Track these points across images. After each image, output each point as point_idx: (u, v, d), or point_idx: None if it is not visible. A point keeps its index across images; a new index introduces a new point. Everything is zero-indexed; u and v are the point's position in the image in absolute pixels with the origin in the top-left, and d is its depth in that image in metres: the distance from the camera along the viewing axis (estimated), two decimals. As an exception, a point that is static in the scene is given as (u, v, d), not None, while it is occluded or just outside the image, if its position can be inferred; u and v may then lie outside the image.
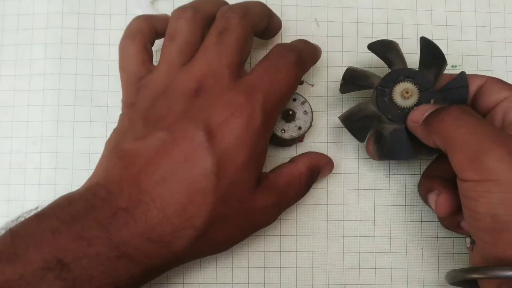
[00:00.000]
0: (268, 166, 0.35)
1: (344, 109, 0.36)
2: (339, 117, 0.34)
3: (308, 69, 0.32)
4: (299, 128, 0.32)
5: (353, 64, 0.37)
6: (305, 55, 0.30)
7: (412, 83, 0.32)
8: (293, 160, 0.31)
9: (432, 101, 0.31)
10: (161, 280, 0.34)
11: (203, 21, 0.29)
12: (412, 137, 0.31)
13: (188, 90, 0.27)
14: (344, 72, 0.33)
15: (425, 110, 0.29)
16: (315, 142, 0.36)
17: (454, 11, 0.38)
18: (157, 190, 0.25)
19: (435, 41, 0.37)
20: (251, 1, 0.31)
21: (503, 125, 0.29)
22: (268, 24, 0.32)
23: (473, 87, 0.31)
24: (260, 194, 0.28)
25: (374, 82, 0.33)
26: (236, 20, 0.28)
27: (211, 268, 0.34)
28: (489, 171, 0.25)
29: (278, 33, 0.37)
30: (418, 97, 0.31)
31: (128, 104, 0.29)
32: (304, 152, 0.33)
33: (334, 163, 0.35)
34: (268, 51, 0.30)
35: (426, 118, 0.29)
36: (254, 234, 0.34)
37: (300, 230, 0.35)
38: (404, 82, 0.32)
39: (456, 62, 0.37)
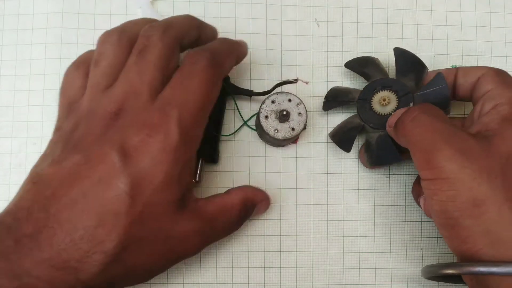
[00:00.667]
0: (268, 166, 0.35)
1: (344, 109, 0.36)
2: (328, 134, 0.36)
3: (229, 67, 0.31)
4: (293, 129, 0.33)
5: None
6: (221, 54, 0.29)
7: (389, 91, 0.33)
8: (228, 192, 0.31)
9: (411, 104, 0.33)
10: (161, 280, 0.34)
11: (129, 42, 0.28)
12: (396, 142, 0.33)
13: (108, 113, 0.26)
14: (327, 92, 0.35)
15: (399, 114, 0.30)
16: (315, 142, 0.36)
17: (454, 11, 0.38)
18: (66, 213, 0.24)
19: (435, 41, 0.37)
20: (177, 16, 0.30)
21: (479, 116, 0.29)
22: (199, 35, 0.31)
23: (473, 78, 0.31)
24: (183, 217, 0.27)
25: (355, 96, 0.35)
26: (156, 37, 0.28)
27: (211, 268, 0.34)
28: (440, 169, 0.26)
29: (278, 34, 0.37)
30: (397, 102, 0.33)
31: (56, 129, 0.28)
32: (243, 185, 0.33)
33: (334, 163, 0.36)
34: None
35: (395, 122, 0.30)
36: (254, 234, 0.34)
37: (300, 230, 0.35)
38: (382, 91, 0.34)
39: (456, 62, 0.37)
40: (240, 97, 0.36)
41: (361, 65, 0.35)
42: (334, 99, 0.35)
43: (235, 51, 0.31)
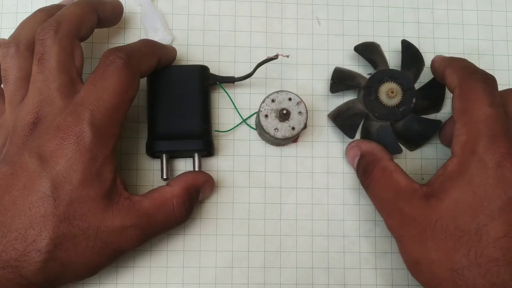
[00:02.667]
0: (268, 166, 0.35)
1: (344, 94, 0.36)
2: (328, 115, 0.36)
3: (148, 68, 0.31)
4: (293, 128, 0.32)
5: (354, 63, 0.37)
6: (138, 55, 0.30)
7: (396, 83, 0.34)
8: (169, 183, 0.31)
9: (414, 99, 0.34)
10: (160, 280, 0.33)
11: (28, 50, 0.29)
12: (396, 134, 0.34)
13: (27, 124, 0.28)
14: (332, 72, 0.35)
15: (353, 156, 0.34)
16: (315, 142, 0.36)
17: (455, 9, 0.38)
18: (0, 219, 0.26)
19: (437, 40, 0.37)
20: (65, 8, 0.30)
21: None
22: (97, 17, 0.31)
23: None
24: (113, 213, 0.28)
25: (361, 82, 0.35)
26: (50, 40, 0.28)
27: (211, 268, 0.34)
28: (390, 228, 0.31)
29: (278, 32, 0.37)
30: (402, 96, 0.34)
31: None
32: (184, 172, 0.32)
33: (335, 162, 0.35)
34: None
35: (360, 176, 0.33)
36: (254, 234, 0.34)
37: (300, 230, 0.35)
38: (389, 82, 0.34)
39: (458, 61, 0.37)
40: (230, 87, 0.35)
41: (370, 51, 0.35)
42: (341, 81, 0.35)
43: (157, 53, 0.32)
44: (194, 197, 0.31)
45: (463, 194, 0.27)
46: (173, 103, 0.33)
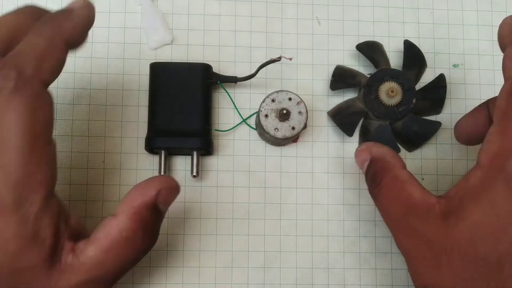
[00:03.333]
0: (268, 166, 0.35)
1: (344, 92, 0.36)
2: (327, 113, 0.36)
3: (54, 66, 0.23)
4: (293, 128, 0.32)
5: (355, 63, 0.37)
6: (33, 57, 0.22)
7: (396, 83, 0.34)
8: (114, 213, 0.25)
9: (414, 100, 0.33)
10: (160, 280, 0.33)
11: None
12: (395, 133, 0.34)
13: None
14: (333, 70, 0.35)
15: (362, 160, 0.29)
16: (315, 142, 0.36)
17: (455, 9, 0.38)
18: None
19: (437, 40, 0.37)
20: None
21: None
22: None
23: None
24: (59, 274, 0.23)
25: (362, 81, 0.35)
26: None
27: (211, 268, 0.34)
28: (399, 245, 0.27)
29: (278, 32, 0.37)
30: (402, 96, 0.34)
31: None
32: (131, 189, 0.26)
33: (335, 162, 0.35)
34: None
35: (368, 183, 0.29)
36: (254, 234, 0.34)
37: (300, 230, 0.35)
38: (389, 81, 0.34)
39: (458, 61, 0.37)
40: (230, 87, 0.35)
41: (371, 50, 0.35)
42: (342, 79, 0.35)
43: (62, 35, 0.23)
44: (150, 218, 0.25)
45: (485, 216, 0.23)
46: (174, 100, 0.33)
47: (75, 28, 0.24)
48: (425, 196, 0.25)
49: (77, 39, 0.24)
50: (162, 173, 0.33)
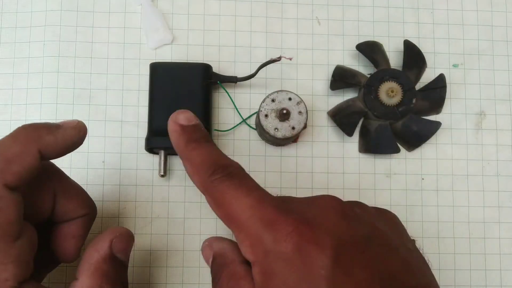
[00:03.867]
0: (268, 166, 0.35)
1: (344, 92, 0.36)
2: (327, 112, 0.36)
3: (21, 171, 0.23)
4: (293, 128, 0.32)
5: (355, 63, 0.37)
6: None
7: (396, 83, 0.34)
8: (76, 275, 0.25)
9: (414, 100, 0.34)
10: (160, 280, 0.33)
11: None
12: (395, 133, 0.34)
13: None
14: (333, 70, 0.35)
15: (207, 257, 0.27)
16: (315, 142, 0.36)
17: (455, 9, 0.38)
18: None
19: (437, 40, 0.37)
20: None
21: None
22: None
23: None
24: None
25: (361, 80, 0.35)
26: None
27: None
28: None
29: (278, 32, 0.37)
30: (402, 96, 0.34)
31: None
32: (85, 249, 0.26)
33: (335, 162, 0.35)
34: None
35: (212, 279, 0.26)
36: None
37: (300, 230, 0.34)
38: (389, 81, 0.34)
39: (458, 61, 0.37)
40: (230, 87, 0.35)
41: (371, 50, 0.35)
42: (342, 79, 0.35)
43: (35, 145, 0.24)
44: (112, 269, 0.25)
45: None
46: (174, 99, 0.33)
47: (55, 143, 0.24)
48: None
49: (53, 153, 0.25)
50: (162, 174, 0.33)
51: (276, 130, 0.32)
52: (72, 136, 0.25)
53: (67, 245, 0.27)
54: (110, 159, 0.35)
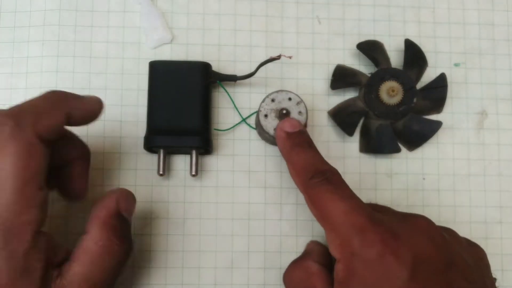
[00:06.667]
0: (268, 166, 0.35)
1: (345, 91, 0.36)
2: (328, 112, 0.35)
3: (51, 127, 0.25)
4: None
5: (355, 62, 0.37)
6: (32, 112, 0.25)
7: (397, 82, 0.34)
8: (85, 230, 0.27)
9: (415, 99, 0.33)
10: (160, 281, 0.33)
11: None
12: (396, 133, 0.34)
13: None
14: (334, 69, 0.35)
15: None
16: (315, 141, 0.35)
17: (457, 8, 0.38)
18: None
19: (438, 39, 0.37)
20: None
21: None
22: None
23: None
24: None
25: (362, 80, 0.35)
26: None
27: (210, 268, 0.34)
28: None
29: (278, 31, 0.36)
30: (403, 95, 0.34)
31: None
32: (92, 207, 0.28)
33: (335, 162, 0.35)
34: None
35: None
36: (254, 234, 0.34)
37: (300, 230, 0.34)
38: (390, 81, 0.34)
39: (459, 60, 0.37)
40: (230, 86, 0.35)
41: (372, 49, 0.35)
42: (342, 78, 0.35)
43: (64, 107, 0.26)
44: (119, 224, 0.28)
45: None
46: (173, 98, 0.33)
47: (79, 109, 0.27)
48: None
49: (77, 117, 0.27)
50: (161, 173, 0.33)
51: (276, 130, 0.32)
52: (94, 106, 0.28)
53: (77, 184, 0.29)
54: (110, 159, 0.34)
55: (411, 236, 0.26)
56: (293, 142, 0.30)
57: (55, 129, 0.26)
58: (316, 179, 0.28)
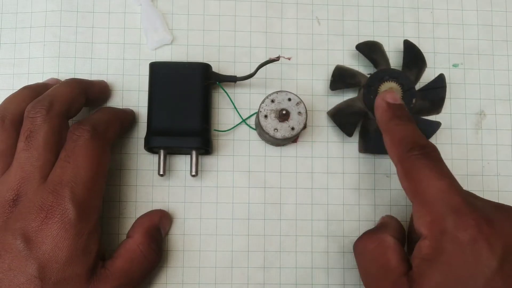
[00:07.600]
0: (268, 166, 0.35)
1: (344, 92, 0.36)
2: (327, 112, 0.36)
3: (114, 135, 0.32)
4: (292, 128, 0.32)
5: (355, 63, 0.37)
6: (103, 124, 0.30)
7: (396, 83, 0.34)
8: (129, 234, 0.31)
9: (414, 100, 0.34)
10: (160, 280, 0.33)
11: (13, 125, 0.29)
12: None
13: (6, 201, 0.27)
14: (333, 70, 0.35)
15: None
16: (315, 142, 0.36)
17: (455, 9, 0.38)
18: None
19: (436, 40, 0.37)
20: (56, 88, 0.31)
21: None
22: (86, 98, 0.32)
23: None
24: (95, 284, 0.28)
25: (361, 81, 0.35)
26: (40, 119, 0.28)
27: (210, 268, 0.34)
28: None
29: (278, 32, 0.37)
30: (402, 96, 0.34)
31: None
32: (138, 218, 0.33)
33: (335, 162, 0.35)
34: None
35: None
36: (254, 234, 0.34)
37: (300, 230, 0.35)
38: (389, 81, 0.34)
39: (458, 61, 0.37)
40: (230, 87, 0.35)
41: (371, 50, 0.36)
42: (341, 79, 0.35)
43: (119, 118, 0.33)
44: (157, 236, 0.32)
45: (445, 278, 0.25)
46: (174, 99, 0.33)
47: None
48: (400, 264, 0.27)
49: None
50: (161, 173, 0.33)
51: (276, 130, 0.32)
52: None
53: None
54: (111, 159, 0.35)
55: (504, 226, 0.25)
56: (393, 114, 0.31)
57: (116, 136, 0.32)
58: (415, 151, 0.28)
